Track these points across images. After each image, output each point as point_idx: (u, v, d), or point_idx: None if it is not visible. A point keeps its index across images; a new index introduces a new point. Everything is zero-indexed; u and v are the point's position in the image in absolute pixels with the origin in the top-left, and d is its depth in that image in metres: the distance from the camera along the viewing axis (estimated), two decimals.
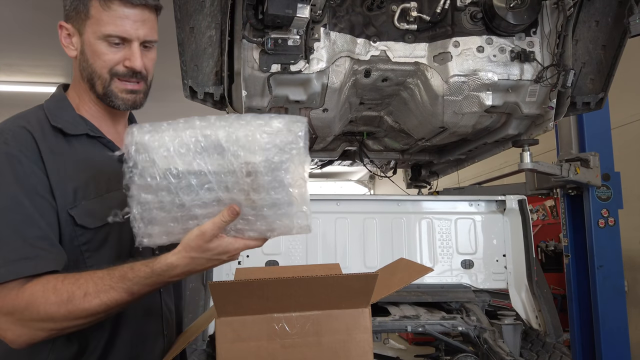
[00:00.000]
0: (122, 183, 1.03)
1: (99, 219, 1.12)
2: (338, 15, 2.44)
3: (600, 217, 3.45)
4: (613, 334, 3.38)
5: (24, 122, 1.14)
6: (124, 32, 1.16)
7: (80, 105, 1.25)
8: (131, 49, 1.18)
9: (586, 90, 2.69)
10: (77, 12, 1.18)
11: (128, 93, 1.22)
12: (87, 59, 1.19)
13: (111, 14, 1.15)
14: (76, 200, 1.12)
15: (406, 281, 1.20)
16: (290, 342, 1.07)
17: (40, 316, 1.00)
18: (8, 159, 1.07)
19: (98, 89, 1.20)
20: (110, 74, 1.19)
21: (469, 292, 2.86)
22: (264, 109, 2.56)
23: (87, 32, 1.17)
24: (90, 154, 1.20)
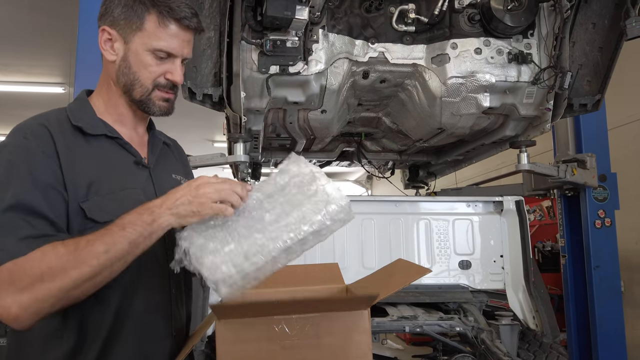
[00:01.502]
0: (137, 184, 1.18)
1: (109, 214, 1.15)
2: (336, 17, 2.45)
3: (597, 218, 3.47)
4: (609, 334, 3.39)
5: (43, 120, 1.21)
6: (173, 50, 1.26)
7: (104, 109, 1.31)
8: (174, 64, 1.28)
9: (583, 92, 2.71)
10: (127, 22, 1.24)
11: (164, 101, 1.31)
12: (131, 66, 1.26)
13: (166, 31, 1.24)
14: (89, 195, 1.16)
15: (404, 282, 1.21)
16: (290, 343, 1.08)
17: (47, 272, 1.01)
18: (26, 152, 1.13)
19: (135, 95, 1.28)
20: (153, 85, 1.28)
21: (467, 292, 2.87)
22: (263, 110, 2.56)
23: (135, 42, 1.24)
24: (107, 153, 1.25)
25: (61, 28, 5.66)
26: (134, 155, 1.30)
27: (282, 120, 2.86)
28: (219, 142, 10.52)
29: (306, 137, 3.22)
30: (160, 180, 1.33)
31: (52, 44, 6.26)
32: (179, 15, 1.25)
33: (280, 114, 2.81)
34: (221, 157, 2.72)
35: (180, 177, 1.43)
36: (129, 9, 1.24)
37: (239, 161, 2.66)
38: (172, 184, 1.35)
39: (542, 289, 2.98)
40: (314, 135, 3.17)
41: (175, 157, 1.50)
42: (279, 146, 3.70)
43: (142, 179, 1.30)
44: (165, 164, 1.41)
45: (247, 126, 2.71)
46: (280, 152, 3.89)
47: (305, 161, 1.21)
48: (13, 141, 1.16)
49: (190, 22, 1.27)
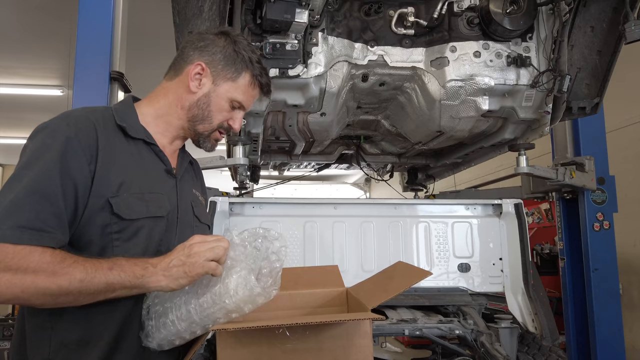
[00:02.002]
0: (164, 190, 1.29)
1: (135, 213, 1.21)
2: (336, 20, 2.46)
3: (596, 221, 3.47)
4: (608, 337, 3.39)
5: (90, 112, 1.27)
6: (247, 106, 1.45)
7: (151, 119, 1.39)
8: (238, 115, 1.44)
9: (582, 95, 2.72)
10: (224, 69, 1.38)
11: (216, 141, 1.47)
12: (210, 104, 1.39)
13: (251, 92, 1.42)
14: (119, 191, 1.21)
15: (405, 285, 1.20)
16: (291, 347, 1.07)
17: (21, 270, 1.04)
18: (64, 139, 1.16)
19: (199, 129, 1.41)
20: (217, 126, 1.42)
21: (466, 295, 2.86)
22: (262, 112, 2.56)
23: (223, 87, 1.39)
24: (142, 156, 1.32)
25: (60, 31, 5.66)
26: (166, 163, 1.37)
27: (282, 123, 2.87)
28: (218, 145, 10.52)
29: (305, 139, 3.22)
30: (183, 192, 1.41)
31: (50, 47, 6.26)
32: (265, 81, 1.43)
33: (280, 117, 2.81)
34: (220, 159, 2.72)
35: (198, 193, 1.52)
36: (231, 60, 1.38)
37: (238, 164, 2.66)
38: (192, 197, 1.45)
39: (541, 292, 2.98)
40: (313, 138, 3.17)
41: (196, 175, 1.59)
42: (278, 149, 3.70)
43: (169, 187, 1.36)
44: (188, 179, 1.49)
45: (246, 129, 2.71)
46: (279, 154, 3.89)
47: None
48: (55, 125, 1.20)
49: (268, 89, 1.46)
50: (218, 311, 1.09)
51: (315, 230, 2.92)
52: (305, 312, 1.38)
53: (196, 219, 1.44)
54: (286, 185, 5.70)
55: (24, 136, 1.21)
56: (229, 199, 2.85)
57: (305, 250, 2.88)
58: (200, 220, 1.46)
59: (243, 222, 2.85)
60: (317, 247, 2.91)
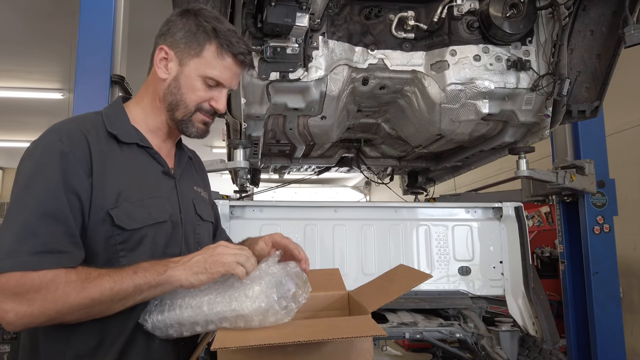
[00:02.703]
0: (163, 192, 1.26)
1: (137, 222, 1.20)
2: (336, 24, 2.46)
3: (596, 224, 3.47)
4: (609, 340, 3.39)
5: (81, 124, 1.23)
6: (224, 80, 1.32)
7: (141, 119, 1.35)
8: (220, 93, 1.34)
9: (581, 99, 2.72)
10: (187, 46, 1.30)
11: (203, 124, 1.36)
12: (180, 87, 1.31)
13: (222, 62, 1.30)
14: (118, 202, 1.19)
15: (405, 288, 1.20)
16: (292, 350, 1.07)
17: (52, 295, 1.04)
18: (59, 155, 1.14)
19: (178, 115, 1.33)
20: (195, 108, 1.33)
21: (466, 298, 2.86)
22: (263, 116, 2.57)
23: (190, 66, 1.30)
24: (138, 161, 1.29)
25: (60, 34, 5.67)
26: (162, 165, 1.34)
27: (282, 126, 2.87)
28: (217, 148, 10.53)
29: (306, 143, 3.22)
30: (184, 191, 1.38)
31: (51, 50, 6.27)
32: (237, 50, 1.30)
33: (280, 120, 2.81)
34: (221, 162, 2.72)
35: (200, 189, 1.49)
36: (192, 35, 1.29)
37: (239, 167, 2.66)
38: (193, 195, 1.42)
39: (542, 295, 2.98)
40: (313, 141, 3.17)
41: (196, 169, 1.55)
42: (279, 152, 3.70)
43: (168, 188, 1.34)
44: (188, 176, 1.45)
45: (247, 132, 2.71)
46: (279, 158, 3.89)
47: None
48: (47, 141, 1.17)
49: (245, 58, 1.33)
50: (229, 312, 1.09)
51: (315, 233, 2.92)
52: (307, 315, 1.38)
53: (198, 217, 1.42)
54: (286, 188, 5.71)
55: (25, 139, 1.22)
56: (229, 202, 2.86)
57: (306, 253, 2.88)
58: (202, 218, 1.44)
59: (244, 225, 2.85)
60: (317, 250, 2.91)
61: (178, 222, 1.32)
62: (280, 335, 1.02)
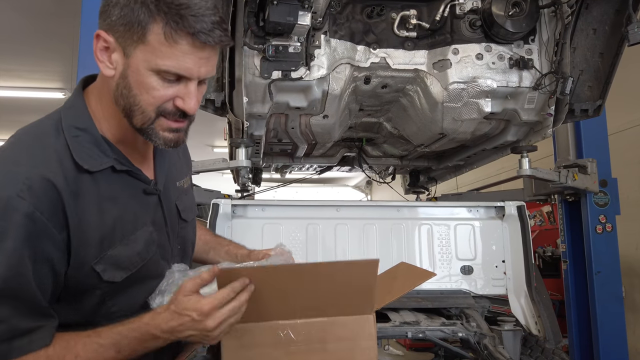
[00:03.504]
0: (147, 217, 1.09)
1: (127, 270, 1.04)
2: (338, 23, 2.46)
3: (598, 223, 3.46)
4: (611, 340, 3.38)
5: (43, 165, 0.95)
6: (184, 71, 0.96)
7: (103, 122, 1.06)
8: (187, 88, 0.98)
9: (584, 98, 2.72)
10: (127, 29, 0.95)
11: (171, 132, 1.03)
12: (130, 87, 0.97)
13: (175, 48, 0.93)
14: (101, 252, 1.00)
15: (409, 287, 1.20)
16: (295, 349, 1.07)
17: None
18: (20, 218, 0.91)
19: (136, 123, 1.01)
20: (156, 112, 0.99)
21: (469, 298, 2.86)
22: (265, 115, 2.56)
23: (137, 57, 0.95)
24: (115, 190, 1.05)
25: (62, 33, 5.68)
26: (144, 181, 1.12)
27: (284, 125, 2.87)
28: (218, 147, 10.54)
29: (308, 142, 3.22)
30: (167, 201, 1.19)
31: (52, 50, 6.27)
32: (193, 28, 0.93)
33: (282, 119, 2.81)
34: (223, 162, 2.72)
35: (182, 181, 1.29)
36: (130, 12, 0.93)
37: (241, 166, 2.66)
38: (176, 196, 1.24)
39: (544, 294, 2.97)
40: (315, 140, 3.17)
41: (180, 155, 1.33)
42: (280, 151, 3.70)
43: (152, 208, 1.14)
44: (170, 173, 1.23)
45: (249, 131, 2.71)
46: (281, 157, 3.89)
47: None
48: (4, 196, 0.91)
49: (209, 36, 0.94)
50: None
51: (317, 232, 2.92)
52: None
53: (182, 221, 1.25)
54: (287, 188, 5.70)
55: None
56: (231, 201, 2.85)
57: (308, 252, 2.88)
58: (187, 220, 1.27)
59: (246, 224, 2.84)
60: (319, 249, 2.91)
61: (165, 240, 1.17)
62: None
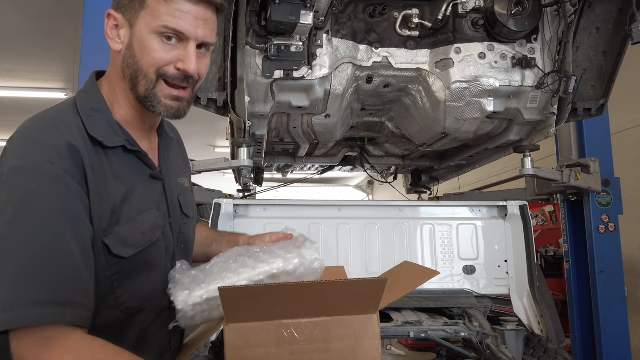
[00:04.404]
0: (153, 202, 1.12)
1: (133, 247, 1.05)
2: (340, 22, 2.46)
3: (601, 223, 3.45)
4: (614, 339, 3.37)
5: (68, 134, 1.00)
6: (181, 28, 1.03)
7: (114, 105, 1.12)
8: (186, 50, 1.05)
9: (587, 97, 2.71)
10: (130, 2, 1.05)
11: (172, 100, 1.08)
12: (135, 54, 1.04)
13: (171, 6, 1.02)
14: (110, 227, 1.01)
15: (413, 286, 1.20)
16: (299, 348, 1.07)
17: None
18: (54, 181, 0.94)
19: (140, 91, 1.07)
20: (157, 75, 1.05)
21: (471, 297, 2.85)
22: (267, 114, 2.56)
23: (140, 24, 1.04)
24: (125, 170, 1.08)
25: (64, 33, 5.69)
26: (150, 167, 1.15)
27: (286, 125, 2.87)
28: (220, 148, 10.54)
29: (309, 141, 3.22)
30: (171, 191, 1.22)
31: (54, 50, 6.29)
32: None
33: (284, 119, 2.81)
34: (225, 161, 2.72)
35: (184, 179, 1.32)
36: None
37: (243, 166, 2.66)
38: (179, 190, 1.27)
39: (547, 294, 2.97)
40: (317, 139, 3.17)
41: (179, 151, 1.36)
42: (282, 151, 3.70)
43: (157, 194, 1.16)
44: (173, 166, 1.26)
45: (251, 131, 2.71)
46: (283, 157, 3.89)
47: None
48: (34, 163, 0.94)
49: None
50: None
51: (319, 232, 2.92)
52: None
53: (184, 216, 1.26)
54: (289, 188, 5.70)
55: None
56: (233, 201, 2.85)
57: None
58: (188, 216, 1.28)
59: (247, 224, 2.84)
60: (321, 248, 2.90)
61: (168, 231, 1.18)
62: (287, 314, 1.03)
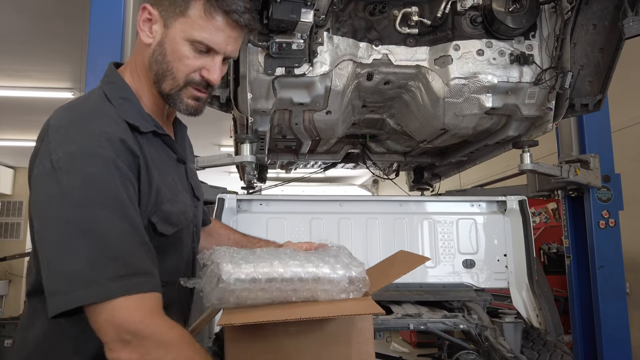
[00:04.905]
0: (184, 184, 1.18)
1: (174, 225, 1.12)
2: (341, 20, 2.50)
3: (601, 218, 3.47)
4: (614, 333, 3.39)
5: (111, 122, 1.07)
6: (215, 44, 1.13)
7: (140, 96, 1.19)
8: (213, 61, 1.14)
9: (584, 92, 2.74)
10: (172, 4, 1.12)
11: (194, 100, 1.18)
12: (166, 54, 1.13)
13: (211, 22, 1.11)
14: (156, 205, 1.08)
15: (404, 271, 1.24)
16: (295, 329, 1.10)
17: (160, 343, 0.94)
18: (109, 165, 1.00)
19: (165, 88, 1.16)
20: (185, 81, 1.15)
21: (471, 291, 2.89)
22: (269, 111, 2.61)
23: (176, 28, 1.12)
24: (158, 153, 1.16)
25: (71, 33, 5.76)
26: (176, 152, 1.24)
27: (288, 121, 2.92)
28: (225, 147, 10.61)
29: (311, 138, 3.27)
30: (192, 175, 1.32)
31: (62, 50, 6.36)
32: (229, 7, 1.11)
33: (286, 115, 2.86)
34: (228, 157, 2.77)
35: (192, 164, 1.42)
36: None
37: (246, 161, 2.71)
38: (193, 177, 1.35)
39: (546, 287, 3.00)
40: (319, 136, 3.22)
41: (187, 140, 1.43)
42: (285, 148, 3.75)
43: (183, 176, 1.25)
44: (188, 154, 1.35)
45: (253, 127, 2.76)
46: (285, 153, 3.94)
47: None
48: (88, 149, 1.00)
49: (240, 17, 1.12)
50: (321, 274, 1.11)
51: (321, 226, 2.97)
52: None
53: (196, 199, 1.33)
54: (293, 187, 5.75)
55: (35, 139, 1.11)
56: (236, 196, 2.91)
57: None
58: (199, 199, 1.35)
59: (251, 219, 2.90)
60: None
61: (191, 212, 1.25)
62: (284, 313, 1.05)
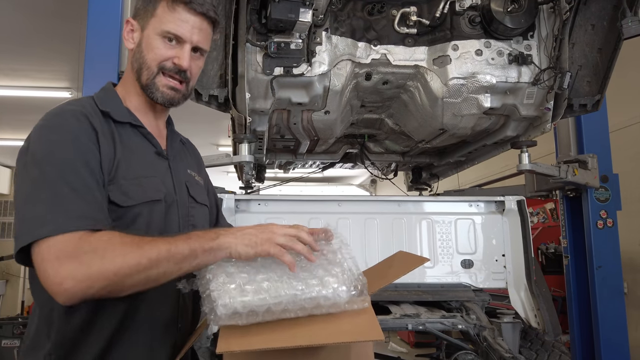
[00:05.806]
0: (156, 172, 1.28)
1: (131, 199, 1.21)
2: (339, 20, 2.50)
3: (599, 218, 3.48)
4: (612, 334, 3.40)
5: (78, 106, 1.25)
6: (180, 33, 1.30)
7: (126, 97, 1.37)
8: (182, 49, 1.31)
9: (583, 93, 2.75)
10: (145, 11, 1.33)
11: (169, 89, 1.34)
12: (142, 50, 1.32)
13: (174, 15, 1.30)
14: (114, 178, 1.20)
15: (403, 272, 1.24)
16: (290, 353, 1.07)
17: (110, 253, 1.03)
18: (68, 133, 1.16)
19: (143, 79, 1.33)
20: (158, 67, 1.32)
21: (469, 291, 2.89)
22: (267, 110, 2.61)
23: (149, 28, 1.32)
24: (132, 141, 1.30)
25: (68, 33, 5.74)
26: (155, 146, 1.35)
27: (287, 121, 2.91)
28: (223, 147, 10.60)
29: (310, 138, 3.26)
30: (178, 173, 1.38)
31: (59, 49, 6.34)
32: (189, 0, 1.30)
33: (285, 115, 2.85)
34: (226, 157, 2.77)
35: (194, 173, 1.47)
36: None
37: (244, 161, 2.70)
38: (186, 177, 1.42)
39: (544, 288, 3.01)
40: (317, 136, 3.21)
41: (190, 154, 1.54)
42: (283, 147, 3.75)
43: (162, 169, 1.34)
44: (181, 159, 1.45)
45: (252, 127, 2.75)
46: (284, 153, 3.94)
47: None
48: (53, 123, 1.18)
49: (200, 7, 1.31)
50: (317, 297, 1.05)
51: (319, 226, 2.96)
52: None
53: (192, 199, 1.40)
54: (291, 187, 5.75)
55: None
56: (235, 196, 2.90)
57: None
58: (196, 200, 1.42)
59: (249, 218, 2.89)
60: None
61: (173, 202, 1.31)
62: (284, 338, 1.01)
